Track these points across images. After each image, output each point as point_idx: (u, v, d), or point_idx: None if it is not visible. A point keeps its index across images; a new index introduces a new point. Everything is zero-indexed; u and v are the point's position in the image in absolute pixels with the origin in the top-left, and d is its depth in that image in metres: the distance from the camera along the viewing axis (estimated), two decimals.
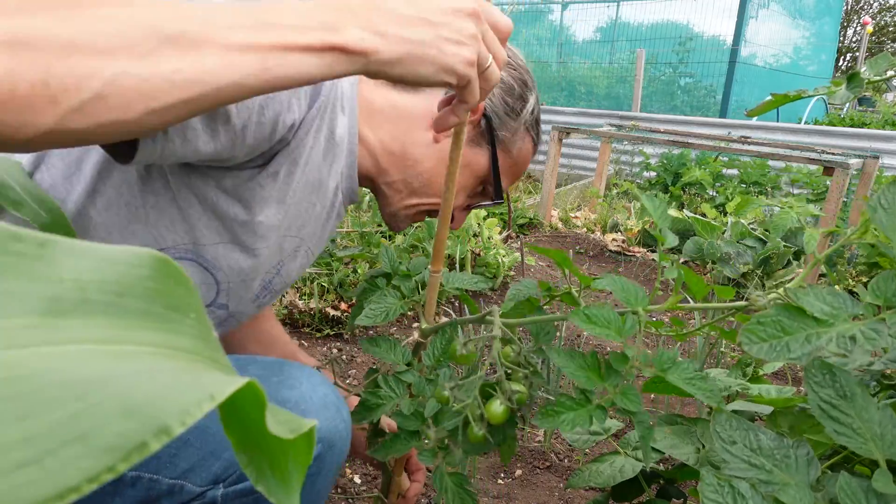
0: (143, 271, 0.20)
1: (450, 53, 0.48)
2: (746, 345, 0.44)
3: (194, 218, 0.63)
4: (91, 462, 0.13)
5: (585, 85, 8.28)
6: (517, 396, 0.60)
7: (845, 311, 0.43)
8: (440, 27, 0.47)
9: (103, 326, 0.18)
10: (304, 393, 0.64)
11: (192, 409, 0.15)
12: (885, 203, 0.46)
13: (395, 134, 0.73)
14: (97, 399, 0.14)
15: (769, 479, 0.44)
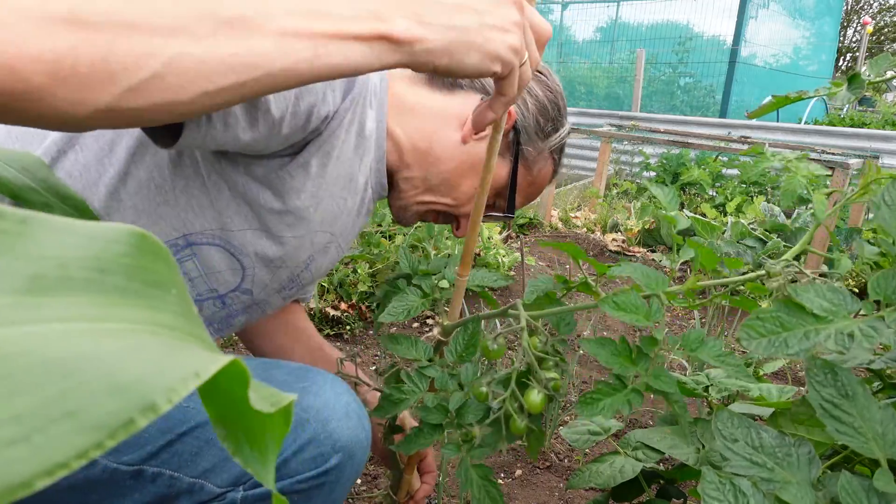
0: (124, 247, 0.20)
1: (496, 40, 0.47)
2: (745, 340, 0.44)
3: (223, 203, 0.64)
4: (79, 439, 0.13)
5: (585, 85, 8.28)
6: (552, 384, 0.61)
7: (844, 307, 0.43)
8: (484, 14, 0.47)
9: (86, 304, 0.18)
10: (328, 401, 0.64)
11: (178, 386, 0.15)
12: (889, 200, 0.46)
13: (424, 131, 0.73)
14: (84, 377, 0.15)
15: (770, 477, 0.44)
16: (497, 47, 0.47)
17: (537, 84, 0.77)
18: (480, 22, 0.47)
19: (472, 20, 0.46)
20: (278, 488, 0.63)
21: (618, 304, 0.56)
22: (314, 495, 0.64)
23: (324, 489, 0.64)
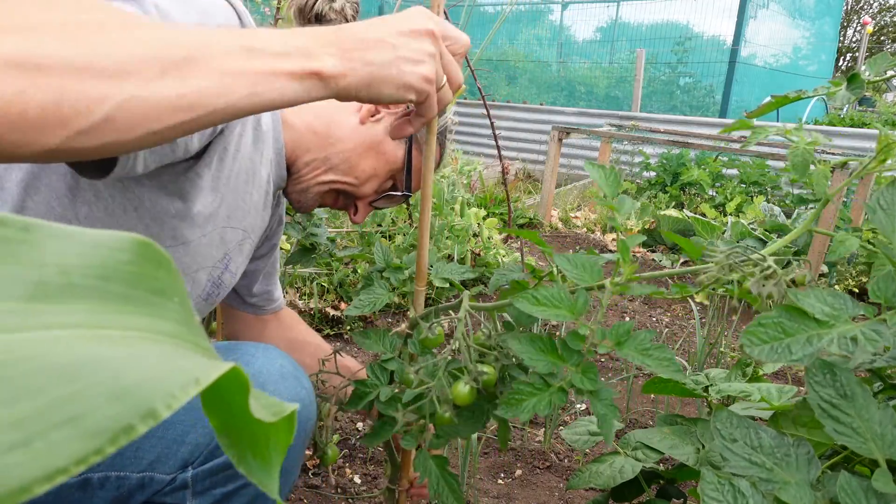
0: (127, 255, 0.20)
1: (408, 72, 0.52)
2: (748, 347, 0.44)
3: (129, 224, 0.63)
4: (80, 444, 0.13)
5: (585, 85, 8.28)
6: (484, 378, 0.60)
7: (846, 311, 0.43)
8: (399, 48, 0.51)
9: (88, 311, 0.18)
10: (262, 366, 0.65)
11: (178, 392, 0.15)
12: (884, 204, 0.46)
13: (321, 116, 0.77)
14: (85, 383, 0.15)
15: (769, 477, 0.44)
16: (409, 79, 0.52)
17: None
18: (395, 56, 0.51)
19: (389, 55, 0.51)
20: (226, 461, 0.63)
21: (538, 298, 0.53)
22: None
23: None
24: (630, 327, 0.54)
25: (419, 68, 0.52)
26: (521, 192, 4.55)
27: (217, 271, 0.76)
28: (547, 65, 8.68)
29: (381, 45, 0.51)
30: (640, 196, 4.07)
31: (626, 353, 0.52)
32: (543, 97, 8.12)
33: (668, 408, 1.61)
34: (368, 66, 0.50)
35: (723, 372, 0.97)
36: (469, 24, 2.79)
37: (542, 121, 5.60)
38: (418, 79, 0.52)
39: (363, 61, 0.50)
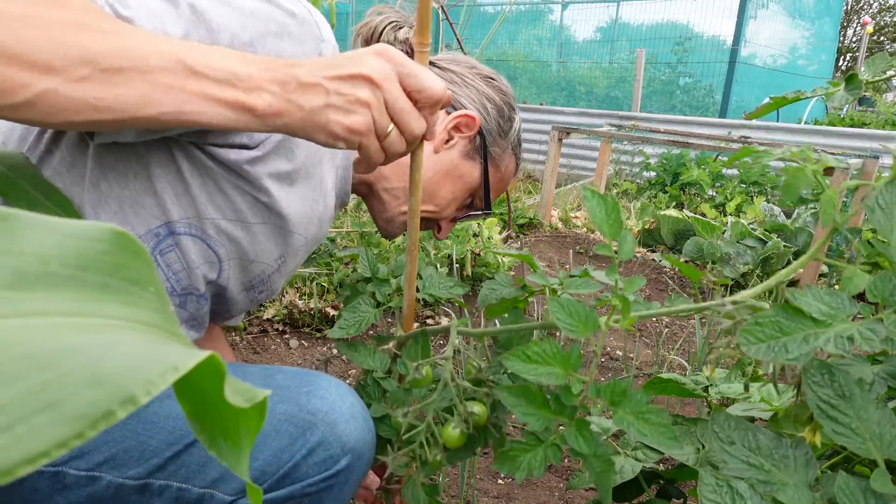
0: (104, 245, 0.20)
1: (336, 123, 0.51)
2: (745, 345, 0.45)
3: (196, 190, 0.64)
4: (61, 429, 0.14)
5: (585, 85, 8.28)
6: (474, 419, 0.58)
7: (843, 311, 0.43)
8: (331, 95, 0.50)
9: (67, 299, 0.18)
10: (334, 403, 0.65)
11: (157, 380, 0.16)
12: (883, 203, 0.46)
13: None
14: (65, 369, 0.15)
15: (767, 478, 0.44)
16: (335, 129, 0.51)
17: (492, 89, 0.84)
18: (326, 103, 0.50)
19: (320, 101, 0.50)
20: (289, 493, 0.63)
21: (529, 356, 0.50)
22: (324, 497, 0.64)
23: (333, 490, 0.64)
24: (626, 387, 0.51)
25: (347, 118, 0.51)
26: (521, 192, 4.55)
27: (270, 269, 0.76)
28: (547, 65, 8.68)
29: (316, 90, 0.50)
30: (640, 196, 4.07)
31: (620, 418, 0.50)
32: (543, 97, 8.12)
33: (668, 408, 1.62)
34: (301, 110, 0.50)
35: (723, 372, 0.97)
36: (469, 24, 2.79)
37: (542, 121, 5.61)
38: (342, 129, 0.51)
39: (297, 105, 0.50)
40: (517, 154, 0.88)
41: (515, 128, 0.86)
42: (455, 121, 0.78)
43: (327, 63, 0.51)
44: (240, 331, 1.81)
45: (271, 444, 0.61)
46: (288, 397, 0.64)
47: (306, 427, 0.62)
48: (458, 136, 0.79)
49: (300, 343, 1.88)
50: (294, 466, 0.62)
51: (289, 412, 0.63)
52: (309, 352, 1.84)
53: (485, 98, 0.82)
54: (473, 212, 0.88)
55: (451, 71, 0.82)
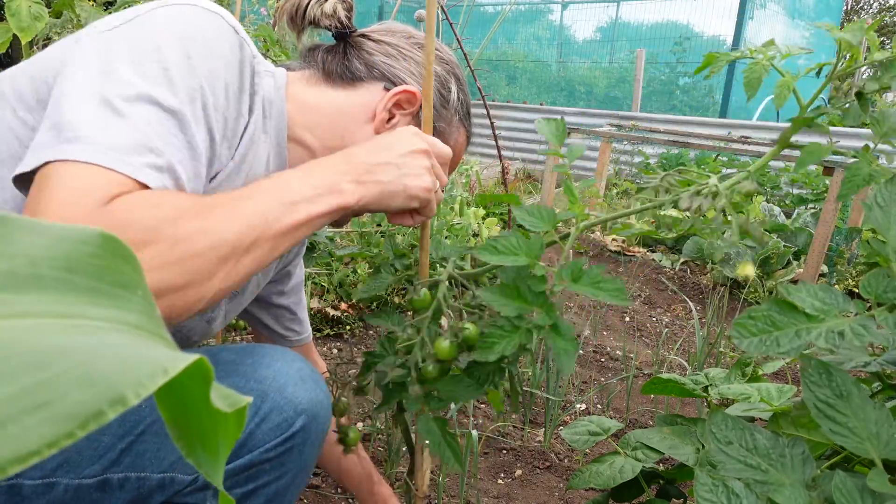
0: (92, 249, 0.21)
1: (413, 187, 0.63)
2: (737, 339, 0.45)
3: None
4: (51, 428, 0.14)
5: (585, 85, 8.28)
6: (465, 333, 0.65)
7: (836, 307, 0.44)
8: (402, 167, 0.63)
9: (56, 301, 0.18)
10: (280, 369, 0.66)
11: (147, 381, 0.16)
12: (881, 201, 0.46)
13: (335, 130, 0.73)
14: (56, 370, 0.15)
15: (765, 479, 0.45)
16: (413, 192, 0.64)
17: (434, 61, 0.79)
18: (400, 174, 0.63)
19: (394, 174, 0.63)
20: (248, 461, 0.64)
21: (496, 248, 0.60)
22: (286, 460, 0.65)
23: (293, 452, 0.65)
24: (582, 265, 0.59)
25: (420, 181, 0.64)
26: (521, 192, 4.55)
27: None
28: (547, 65, 8.68)
29: (388, 167, 0.62)
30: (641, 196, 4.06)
31: (579, 288, 0.58)
32: (543, 97, 8.11)
33: (668, 408, 1.62)
34: (378, 185, 0.62)
35: (722, 372, 0.97)
36: (469, 24, 2.79)
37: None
38: (420, 189, 0.64)
39: (375, 182, 0.61)
40: (466, 125, 0.82)
41: (454, 94, 0.79)
42: (395, 98, 0.72)
43: (381, 144, 0.64)
44: (240, 330, 1.81)
45: None
46: (233, 371, 0.65)
47: (256, 395, 0.63)
48: (399, 113, 0.74)
49: None
50: (249, 435, 0.63)
51: (237, 384, 0.64)
52: None
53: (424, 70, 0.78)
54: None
55: (387, 43, 0.76)
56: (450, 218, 2.51)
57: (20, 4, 1.41)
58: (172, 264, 0.50)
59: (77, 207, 0.49)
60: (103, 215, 0.49)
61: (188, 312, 0.51)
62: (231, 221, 0.53)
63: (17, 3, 1.41)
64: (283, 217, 0.55)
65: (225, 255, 0.52)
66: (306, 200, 0.57)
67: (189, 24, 0.61)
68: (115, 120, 0.53)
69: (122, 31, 0.60)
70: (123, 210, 0.50)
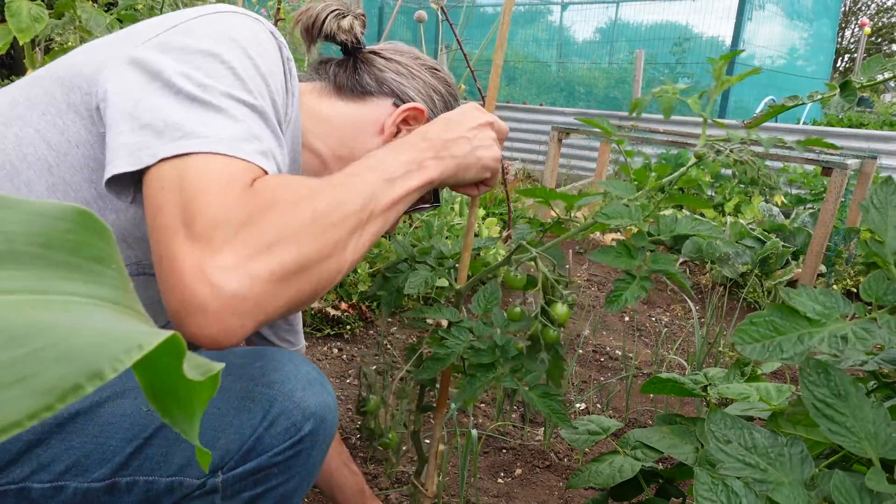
0: (67, 224, 0.21)
1: (486, 157, 0.69)
2: (739, 345, 0.45)
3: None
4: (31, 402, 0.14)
5: (584, 85, 8.28)
6: (570, 297, 0.72)
7: (837, 310, 0.44)
8: (473, 140, 0.68)
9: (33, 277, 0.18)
10: (289, 373, 0.66)
11: (123, 357, 0.16)
12: (878, 202, 0.47)
13: (344, 140, 0.77)
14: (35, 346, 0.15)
15: (763, 477, 0.45)
16: (486, 162, 0.69)
17: (437, 80, 0.84)
18: (472, 146, 0.68)
19: (468, 147, 0.67)
20: (256, 465, 0.64)
21: (607, 214, 0.67)
22: (294, 464, 0.66)
23: (301, 456, 0.66)
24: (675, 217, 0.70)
25: (491, 152, 0.69)
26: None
27: None
28: (546, 65, 8.68)
29: (462, 142, 0.67)
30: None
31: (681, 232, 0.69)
32: (543, 97, 8.12)
33: (668, 407, 1.62)
34: (455, 159, 0.66)
35: (721, 371, 0.98)
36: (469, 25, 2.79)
37: (541, 121, 5.61)
38: (491, 160, 0.69)
39: (452, 156, 0.66)
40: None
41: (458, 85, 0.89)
42: (404, 114, 0.77)
43: (453, 121, 0.68)
44: None
45: (232, 422, 0.62)
46: (242, 374, 0.65)
47: (264, 400, 0.63)
48: (405, 129, 0.78)
49: None
50: (257, 440, 0.63)
51: (245, 388, 0.64)
52: (309, 351, 1.84)
53: (431, 90, 0.82)
54: (422, 205, 0.87)
55: (397, 62, 0.80)
56: (450, 218, 2.51)
57: (20, 6, 1.41)
58: (317, 237, 0.52)
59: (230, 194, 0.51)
60: (253, 198, 0.51)
61: (329, 284, 0.54)
62: (353, 196, 0.57)
63: (18, 5, 1.41)
64: (387, 192, 0.60)
65: (353, 226, 0.56)
66: (401, 177, 0.61)
67: (237, 28, 0.63)
68: (214, 114, 0.55)
69: (170, 36, 0.61)
70: (266, 191, 0.52)
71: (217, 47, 0.60)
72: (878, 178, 2.76)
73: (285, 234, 0.51)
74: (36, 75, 0.66)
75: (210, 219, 0.49)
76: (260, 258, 0.49)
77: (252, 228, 0.50)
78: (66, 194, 0.62)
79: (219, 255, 0.48)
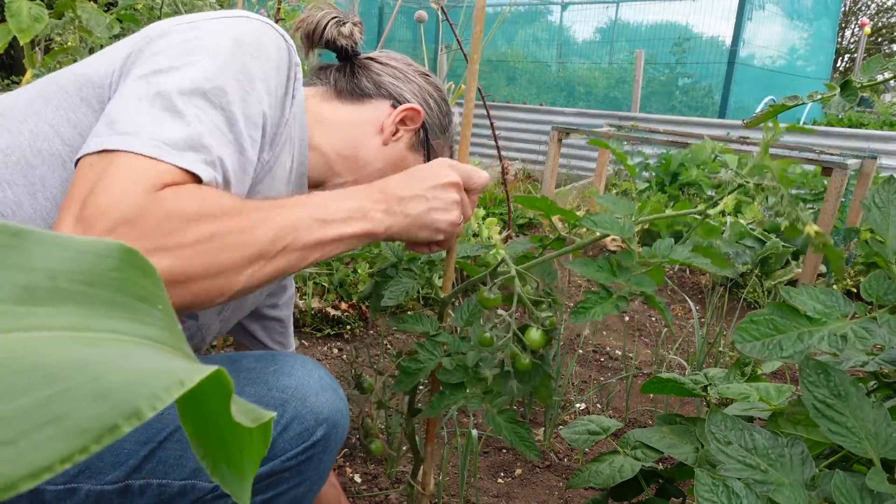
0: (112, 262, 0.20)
1: (440, 220, 0.66)
2: (739, 343, 0.45)
3: None
4: (64, 444, 0.14)
5: (584, 85, 8.28)
6: (548, 321, 0.68)
7: (838, 309, 0.44)
8: (431, 200, 0.65)
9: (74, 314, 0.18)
10: (302, 378, 0.67)
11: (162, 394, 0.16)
12: (879, 202, 0.47)
13: (346, 140, 0.80)
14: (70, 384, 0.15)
15: (764, 478, 0.45)
16: (440, 226, 0.67)
17: (430, 86, 0.86)
18: (429, 207, 0.65)
19: (423, 207, 0.65)
20: (269, 469, 0.64)
21: (596, 222, 0.65)
22: (304, 469, 0.66)
23: (312, 461, 0.66)
24: (670, 243, 0.66)
25: (448, 216, 0.67)
26: (521, 192, 4.55)
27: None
28: (546, 65, 8.67)
29: (418, 200, 0.65)
30: (640, 196, 4.07)
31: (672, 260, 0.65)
32: (543, 97, 8.12)
33: (668, 407, 1.62)
34: (407, 217, 0.64)
35: (722, 371, 0.98)
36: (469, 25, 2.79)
37: (541, 121, 5.61)
38: (447, 224, 0.67)
39: (404, 214, 0.64)
40: (452, 150, 0.91)
41: (453, 125, 0.89)
42: (402, 114, 0.80)
43: (415, 177, 0.66)
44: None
45: None
46: (256, 379, 0.65)
47: (278, 405, 0.64)
48: (403, 129, 0.81)
49: (300, 343, 1.88)
50: (271, 444, 0.63)
51: (259, 393, 0.64)
52: (309, 351, 1.84)
53: (426, 94, 0.84)
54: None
55: (392, 66, 0.84)
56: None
57: (20, 5, 1.41)
58: (206, 254, 0.52)
59: (127, 191, 0.51)
60: (151, 200, 0.51)
61: (211, 301, 0.54)
62: (265, 227, 0.56)
63: (18, 4, 1.41)
64: (314, 232, 0.58)
65: (253, 256, 0.55)
66: (338, 221, 0.60)
67: (242, 30, 0.65)
68: (169, 116, 0.56)
69: (178, 36, 0.63)
70: (171, 199, 0.52)
71: (214, 46, 0.61)
72: (878, 178, 2.76)
73: (169, 242, 0.51)
74: (53, 75, 0.68)
75: (99, 207, 0.50)
76: None
77: (133, 229, 0.50)
78: None
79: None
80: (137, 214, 0.50)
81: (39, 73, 1.82)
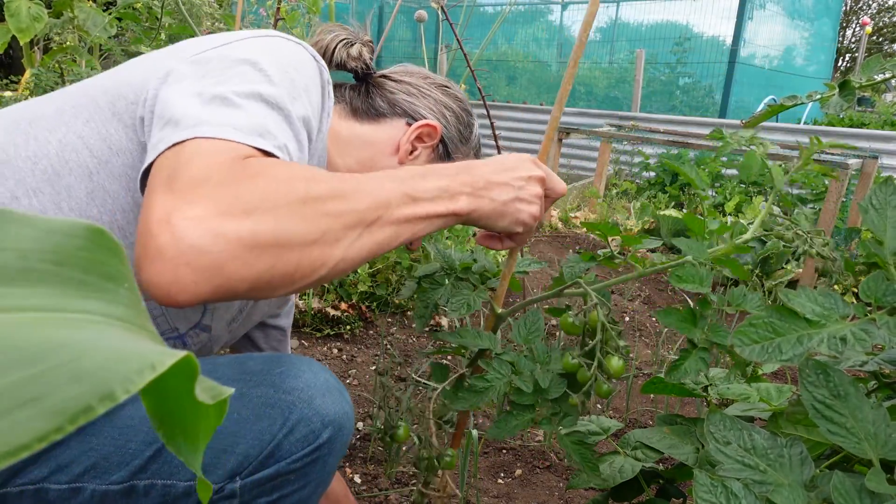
0: (81, 241, 0.21)
1: (524, 211, 0.65)
2: (738, 347, 0.45)
3: None
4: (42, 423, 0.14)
5: (585, 85, 8.28)
6: (625, 349, 0.70)
7: (837, 311, 0.44)
8: (519, 191, 0.64)
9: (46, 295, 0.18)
10: (309, 380, 0.66)
11: (135, 377, 0.16)
12: (877, 203, 0.47)
13: (362, 160, 0.81)
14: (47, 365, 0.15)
15: (763, 479, 0.45)
16: (523, 217, 0.65)
17: (448, 97, 0.86)
18: (515, 196, 0.64)
19: (510, 195, 0.64)
20: (274, 471, 0.64)
21: (680, 276, 0.67)
22: (310, 471, 0.66)
23: (318, 464, 0.66)
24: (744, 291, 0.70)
25: (531, 208, 0.65)
26: None
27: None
28: (546, 65, 8.67)
29: (506, 188, 0.64)
30: (640, 196, 4.07)
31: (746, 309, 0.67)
32: (543, 97, 8.12)
33: (668, 407, 1.62)
34: (492, 202, 0.63)
35: (722, 371, 0.98)
36: (469, 25, 2.79)
37: (542, 121, 5.61)
38: (529, 216, 0.65)
39: (489, 199, 0.62)
40: (478, 157, 0.90)
41: (475, 132, 0.89)
42: (417, 131, 0.80)
43: (503, 165, 0.65)
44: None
45: (252, 428, 0.62)
46: (262, 381, 0.65)
47: (284, 406, 0.63)
48: (420, 146, 0.81)
49: (300, 343, 1.88)
50: (277, 446, 0.63)
51: (265, 395, 0.64)
52: (309, 351, 1.84)
53: (443, 107, 0.84)
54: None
55: (407, 83, 0.84)
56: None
57: (19, 5, 1.41)
58: (304, 218, 0.49)
59: (217, 160, 0.49)
60: (242, 167, 0.49)
61: (309, 276, 0.50)
62: (360, 194, 0.53)
63: (17, 4, 1.41)
64: (405, 207, 0.56)
65: (352, 223, 0.52)
66: (427, 199, 0.58)
67: (280, 48, 0.66)
68: (232, 110, 0.56)
69: (217, 52, 0.64)
70: (258, 165, 0.50)
71: (255, 57, 0.62)
72: (879, 178, 2.76)
73: (266, 204, 0.48)
74: (82, 86, 0.68)
75: (191, 176, 0.48)
76: (231, 218, 0.46)
77: (232, 189, 0.48)
78: (104, 201, 0.64)
79: (188, 207, 0.46)
80: (234, 177, 0.48)
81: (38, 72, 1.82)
